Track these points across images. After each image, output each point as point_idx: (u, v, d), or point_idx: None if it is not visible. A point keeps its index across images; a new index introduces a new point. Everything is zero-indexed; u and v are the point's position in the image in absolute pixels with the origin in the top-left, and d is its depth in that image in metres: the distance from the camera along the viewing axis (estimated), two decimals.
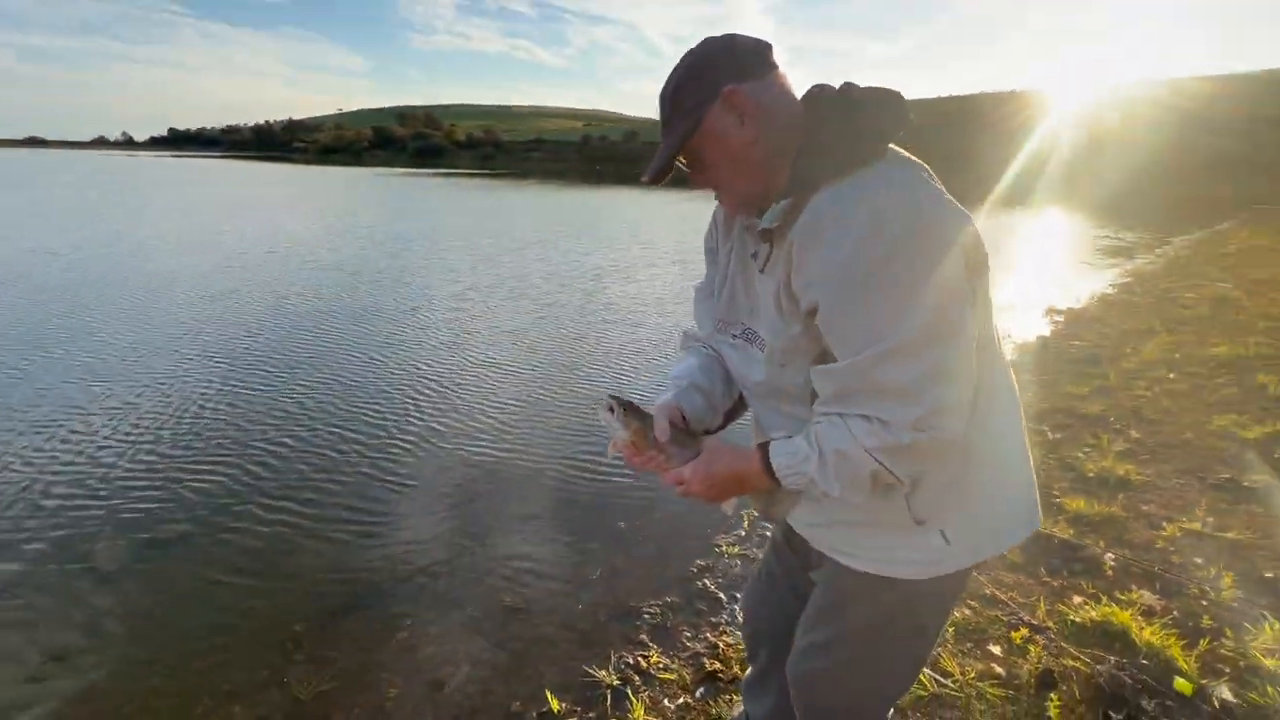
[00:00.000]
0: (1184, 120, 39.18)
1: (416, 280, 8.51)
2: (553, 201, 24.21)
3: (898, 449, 0.83)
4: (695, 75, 0.90)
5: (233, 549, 2.66)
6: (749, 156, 0.90)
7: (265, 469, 3.32)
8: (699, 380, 1.10)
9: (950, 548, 0.96)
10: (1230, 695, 1.72)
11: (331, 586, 2.43)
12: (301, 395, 4.32)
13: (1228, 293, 7.18)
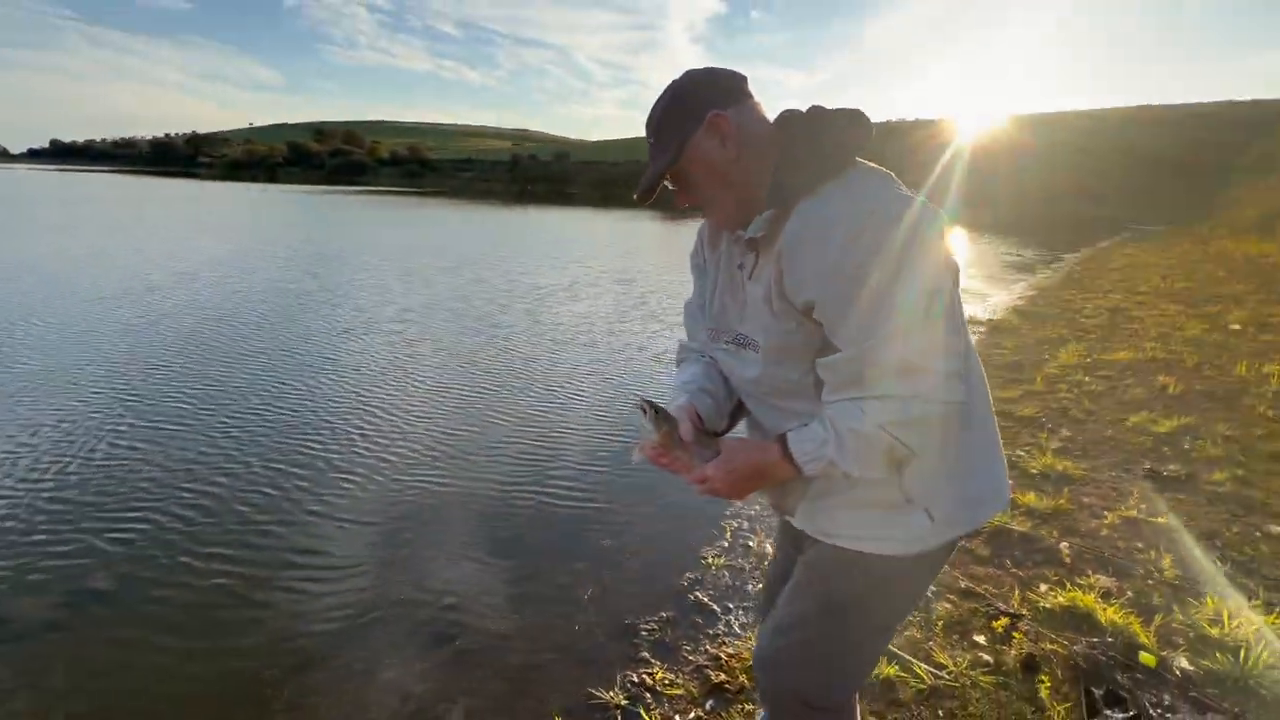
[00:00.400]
0: (1069, 149, 43.37)
1: (347, 301, 8.00)
2: (485, 220, 23.69)
3: (909, 421, 0.90)
4: (681, 102, 1.00)
5: (166, 606, 2.35)
6: (732, 175, 1.00)
7: (196, 512, 2.98)
8: (706, 385, 1.15)
9: (934, 525, 1.02)
10: (1188, 664, 1.90)
11: (293, 637, 2.20)
12: (227, 430, 3.92)
13: (1120, 304, 7.98)
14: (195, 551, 2.68)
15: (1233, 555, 2.44)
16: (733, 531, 2.88)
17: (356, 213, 25.50)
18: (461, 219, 23.81)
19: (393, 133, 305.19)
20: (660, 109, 1.02)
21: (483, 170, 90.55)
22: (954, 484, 1.03)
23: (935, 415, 0.91)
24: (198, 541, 2.76)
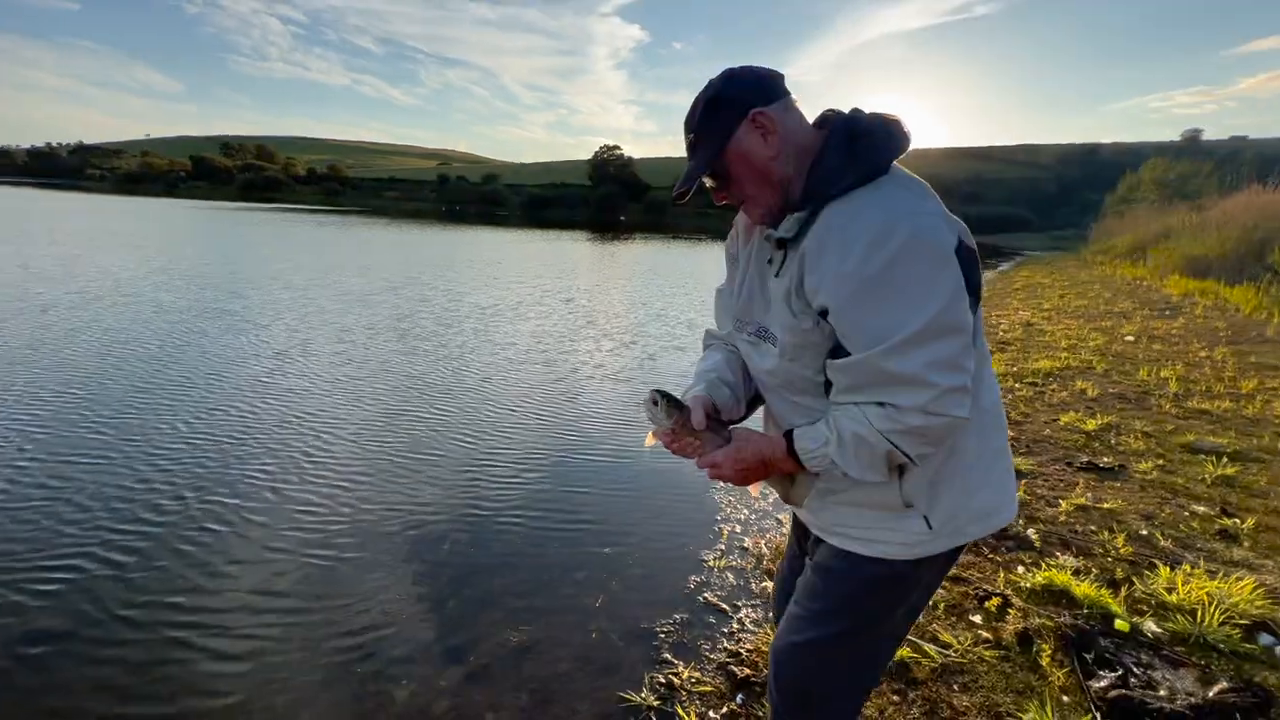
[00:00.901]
0: (961, 181, 47.35)
1: (277, 322, 7.37)
2: (417, 240, 22.99)
3: (909, 431, 0.93)
4: (725, 99, 1.01)
5: (113, 667, 2.02)
6: (772, 171, 1.01)
7: (130, 556, 2.62)
8: (724, 374, 1.19)
9: (932, 533, 1.05)
10: (1156, 627, 2.12)
11: (296, 671, 2.08)
12: (153, 462, 3.49)
13: (1030, 319, 8.77)
14: (135, 601, 2.35)
15: (1170, 533, 2.75)
16: (729, 535, 2.95)
17: (275, 230, 24.14)
18: (390, 238, 22.98)
19: (309, 149, 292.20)
20: (702, 105, 1.02)
21: (408, 190, 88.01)
22: (957, 495, 1.05)
23: (938, 428, 0.93)
24: (137, 590, 2.42)
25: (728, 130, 1.00)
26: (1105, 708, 1.77)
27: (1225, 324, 7.45)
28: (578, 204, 64.27)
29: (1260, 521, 2.81)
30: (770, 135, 1.00)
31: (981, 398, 1.05)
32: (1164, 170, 24.97)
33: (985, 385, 1.07)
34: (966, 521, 1.07)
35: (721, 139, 1.00)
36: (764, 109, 0.99)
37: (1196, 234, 13.13)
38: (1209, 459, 3.51)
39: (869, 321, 0.91)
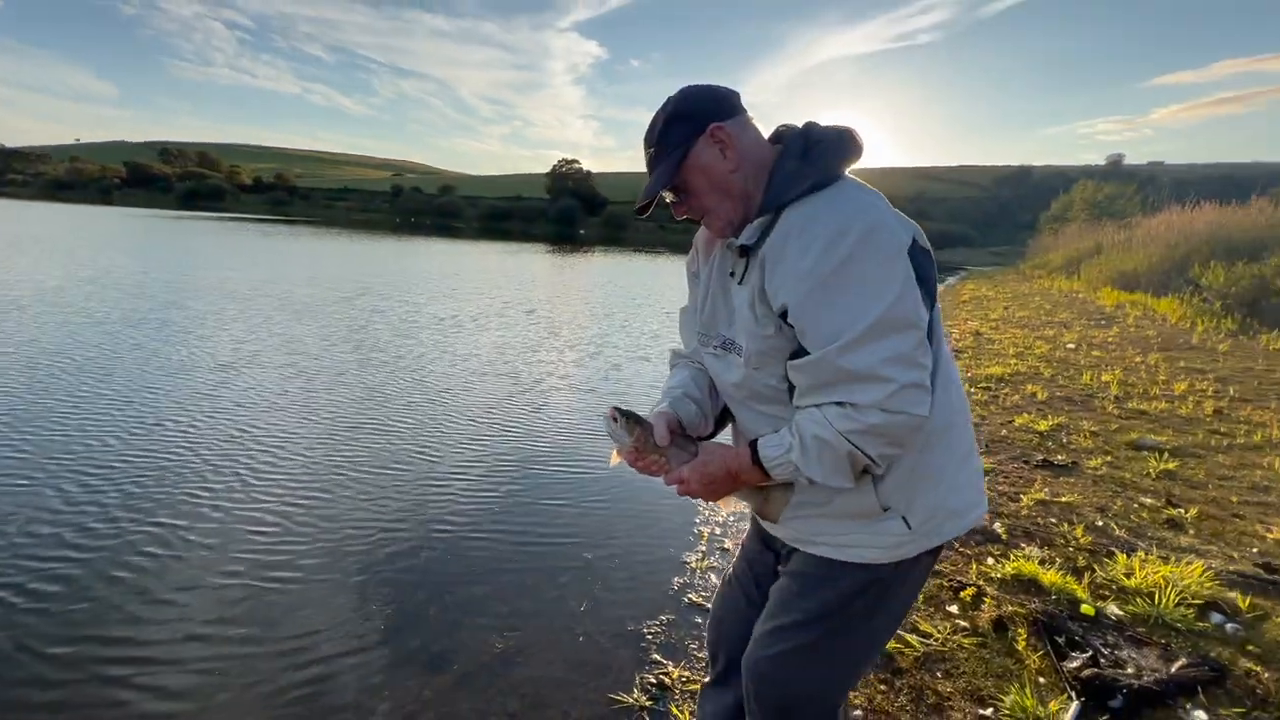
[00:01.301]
0: (905, 199, 49.42)
1: (221, 334, 6.97)
2: (370, 251, 22.36)
3: (868, 430, 0.92)
4: (683, 114, 1.04)
5: (36, 715, 1.82)
6: (731, 184, 1.04)
7: (61, 585, 2.38)
8: (691, 390, 1.20)
9: (911, 533, 1.05)
10: (1118, 610, 2.23)
11: (256, 704, 1.95)
12: (84, 482, 3.21)
13: (979, 329, 9.17)
14: (63, 636, 2.10)
15: (1123, 523, 2.91)
16: (708, 537, 2.97)
17: (218, 239, 23.18)
18: (342, 249, 22.33)
19: (255, 157, 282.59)
20: (662, 121, 1.05)
21: (361, 200, 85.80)
22: (933, 495, 1.05)
23: (897, 426, 0.92)
24: (66, 624, 2.17)
25: (687, 145, 1.03)
26: (1079, 686, 1.85)
27: (1155, 332, 7.97)
28: (536, 217, 63.98)
29: (1202, 511, 3.01)
30: (728, 149, 1.03)
31: (950, 396, 1.06)
32: (1093, 191, 26.64)
33: (952, 385, 1.08)
34: (943, 520, 1.07)
35: (681, 153, 1.03)
36: (722, 124, 1.03)
37: (1125, 250, 14.03)
38: (1151, 455, 3.73)
39: (825, 318, 0.92)
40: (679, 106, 1.05)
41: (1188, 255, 11.03)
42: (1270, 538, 2.75)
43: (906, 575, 1.11)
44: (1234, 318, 8.19)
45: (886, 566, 1.07)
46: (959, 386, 1.11)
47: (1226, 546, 2.69)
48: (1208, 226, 11.57)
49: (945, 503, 1.06)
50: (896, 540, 1.05)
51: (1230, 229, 10.91)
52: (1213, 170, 33.13)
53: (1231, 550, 2.65)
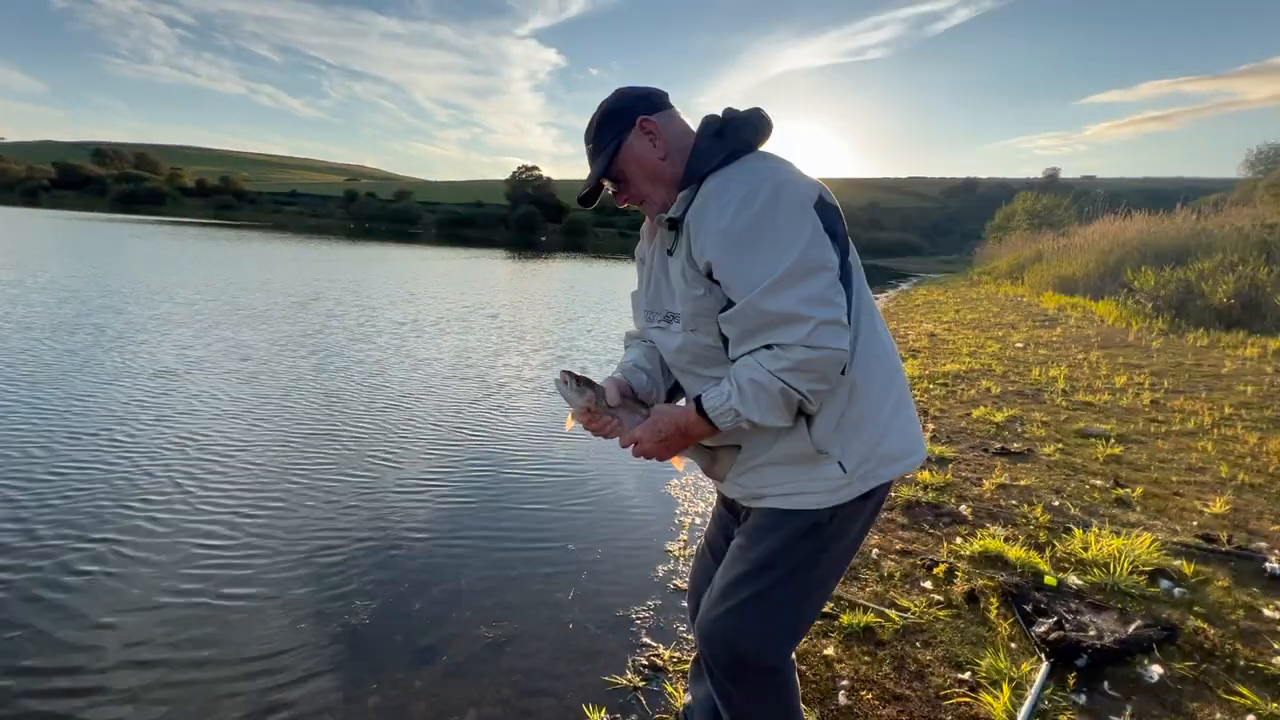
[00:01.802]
0: (858, 208, 50.97)
1: (163, 338, 6.54)
2: (323, 257, 21.64)
3: (796, 367, 0.99)
4: (616, 111, 1.17)
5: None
6: (661, 170, 1.15)
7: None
8: (641, 363, 1.28)
9: (847, 476, 1.11)
10: (1078, 580, 2.37)
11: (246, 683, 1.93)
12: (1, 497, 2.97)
13: (933, 330, 9.54)
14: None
15: (1077, 502, 3.09)
16: (690, 526, 3.01)
17: (158, 244, 22.10)
18: (293, 254, 21.54)
19: (198, 159, 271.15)
20: (597, 118, 1.18)
21: (312, 205, 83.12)
22: (866, 439, 1.11)
23: (821, 360, 0.99)
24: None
25: (620, 137, 1.15)
26: (1048, 649, 1.96)
27: (1095, 331, 8.44)
28: (496, 224, 63.30)
29: (1146, 490, 3.22)
30: (657, 139, 1.15)
31: (874, 346, 1.14)
32: (1032, 202, 28.04)
33: (877, 335, 1.15)
34: (878, 464, 1.12)
35: (615, 145, 1.15)
36: (649, 116, 1.15)
37: (1064, 256, 14.82)
38: (1098, 441, 3.97)
39: (744, 270, 1.01)
40: (612, 105, 1.18)
41: (1121, 261, 11.73)
42: (1208, 512, 2.97)
43: (847, 520, 1.16)
44: (1164, 318, 8.76)
45: (826, 511, 1.13)
46: (886, 340, 1.17)
47: (1170, 521, 2.88)
48: (1138, 235, 12.35)
49: (879, 447, 1.12)
50: (834, 484, 1.11)
51: (1158, 237, 11.67)
52: (1140, 184, 35.41)
53: (1174, 524, 2.85)
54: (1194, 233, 11.07)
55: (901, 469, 1.16)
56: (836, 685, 1.86)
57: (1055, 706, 1.75)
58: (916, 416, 1.21)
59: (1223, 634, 2.04)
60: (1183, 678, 1.85)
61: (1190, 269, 9.52)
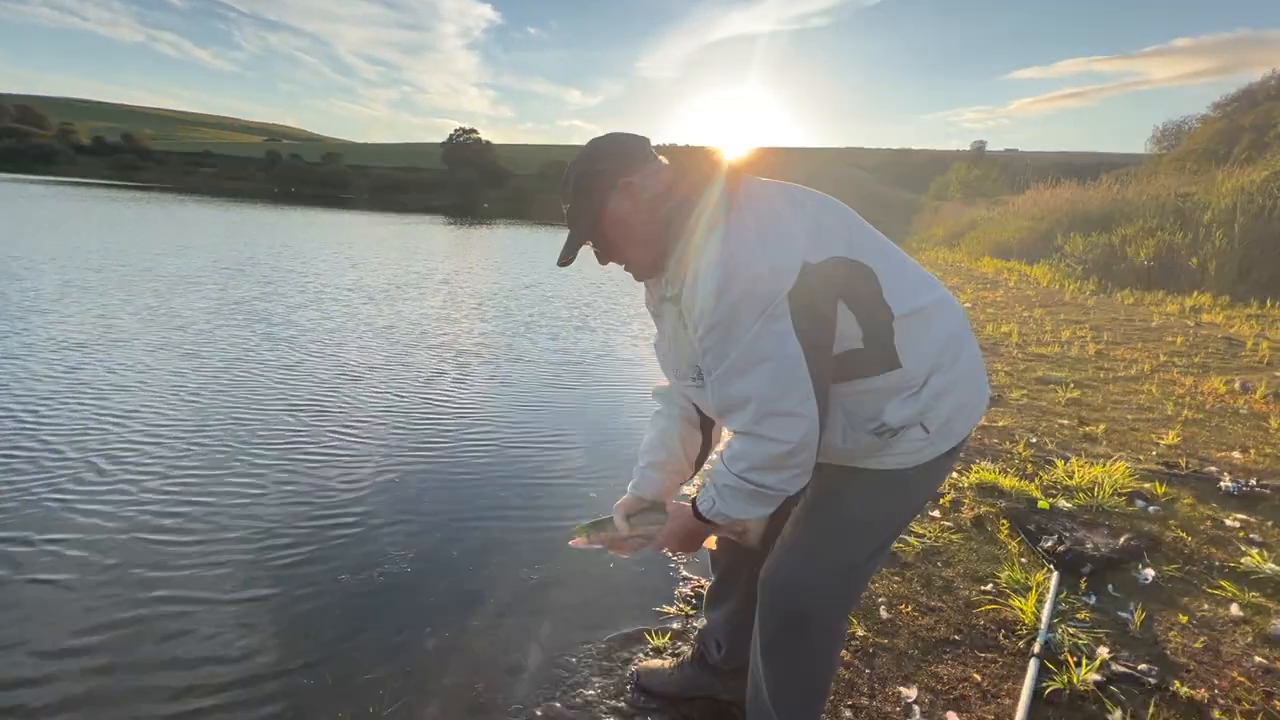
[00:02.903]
0: (798, 178, 51.95)
1: (73, 308, 5.82)
2: (247, 220, 20.12)
3: (750, 460, 1.02)
4: (596, 170, 1.11)
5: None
6: (646, 232, 1.11)
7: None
8: (655, 457, 1.31)
9: (929, 436, 1.10)
10: (1067, 503, 2.60)
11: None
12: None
13: None
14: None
15: (1051, 439, 3.36)
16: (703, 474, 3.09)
17: (53, 205, 20.08)
18: (213, 218, 19.97)
19: (93, 113, 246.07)
20: (575, 177, 1.12)
21: (230, 167, 77.04)
22: (944, 402, 1.09)
23: (769, 451, 1.00)
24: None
25: (602, 200, 1.10)
26: (1055, 561, 2.16)
27: (1034, 292, 9.03)
28: (434, 189, 60.79)
29: (1108, 427, 3.53)
30: (639, 201, 1.10)
31: (923, 313, 1.09)
32: (966, 173, 29.34)
33: (921, 309, 1.09)
34: (958, 420, 1.12)
35: (597, 209, 1.11)
36: (631, 179, 1.10)
37: (999, 224, 15.63)
38: (1058, 387, 4.30)
39: (709, 356, 1.03)
40: (591, 163, 1.12)
41: (1052, 227, 12.50)
42: (1162, 444, 3.29)
43: (930, 472, 1.15)
44: (1093, 279, 9.44)
45: (910, 470, 1.12)
46: (947, 298, 1.15)
47: (1133, 452, 3.18)
48: (1068, 202, 13.15)
49: (958, 404, 1.11)
50: (918, 446, 1.10)
51: (1085, 204, 12.48)
52: (1057, 158, 37.58)
53: (1138, 454, 3.15)
54: (1117, 201, 11.90)
55: (978, 417, 1.17)
56: (875, 603, 1.99)
57: (1071, 607, 1.94)
58: (978, 353, 1.19)
59: (1198, 541, 2.30)
60: (1172, 578, 2.09)
61: (1115, 234, 10.27)
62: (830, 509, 1.20)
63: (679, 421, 1.32)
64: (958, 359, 1.14)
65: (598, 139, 1.14)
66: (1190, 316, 6.92)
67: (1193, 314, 7.06)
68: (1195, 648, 1.77)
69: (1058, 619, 1.87)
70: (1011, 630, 1.86)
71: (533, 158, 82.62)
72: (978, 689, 1.65)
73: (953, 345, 1.12)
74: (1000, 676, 1.69)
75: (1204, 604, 1.96)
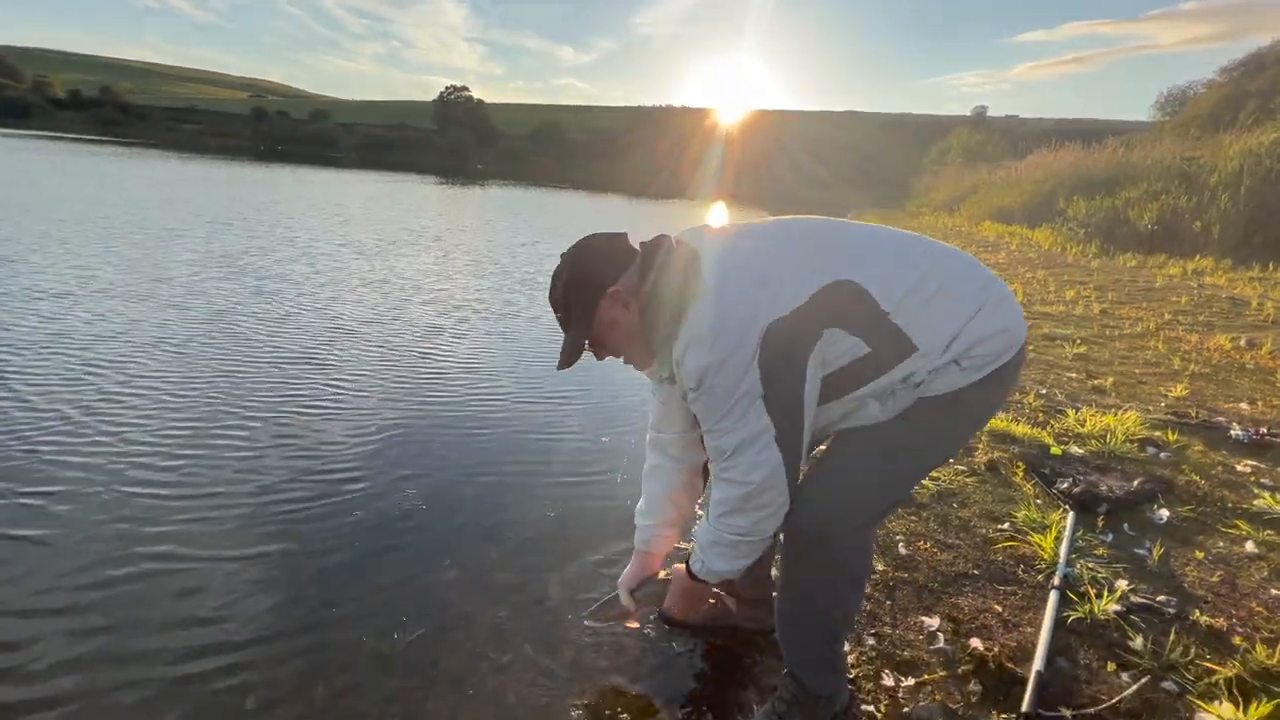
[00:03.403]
0: (799, 141, 51.09)
1: (53, 259, 5.59)
2: (234, 177, 19.53)
3: (721, 501, 1.15)
4: (583, 281, 1.19)
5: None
6: (638, 331, 1.21)
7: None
8: (665, 517, 1.44)
9: (965, 370, 1.11)
10: (1079, 449, 2.61)
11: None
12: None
13: None
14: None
15: (1061, 391, 3.36)
16: None
17: (30, 158, 19.49)
18: (199, 174, 19.39)
19: (67, 65, 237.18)
20: (561, 287, 1.20)
21: (215, 123, 74.68)
22: (983, 344, 1.09)
23: (738, 493, 1.11)
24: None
25: (592, 309, 1.19)
26: (1071, 501, 2.17)
27: (1036, 255, 8.98)
28: (424, 148, 59.34)
29: (1116, 380, 3.53)
30: (629, 305, 1.18)
31: (943, 261, 1.15)
32: (967, 137, 28.93)
33: (930, 273, 1.12)
34: (990, 350, 1.10)
35: (589, 317, 1.20)
36: (618, 286, 1.18)
37: (1001, 188, 15.48)
38: (1065, 343, 4.29)
39: (699, 415, 1.15)
40: (576, 273, 1.19)
41: (1054, 191, 12.39)
42: (1172, 395, 3.30)
43: (968, 398, 1.13)
44: (1095, 243, 9.40)
45: (948, 395, 1.12)
46: (941, 273, 1.12)
47: (1141, 403, 3.19)
48: (1071, 166, 13.01)
49: (990, 339, 1.10)
50: (956, 379, 1.11)
51: (1089, 168, 12.35)
52: (1060, 125, 37.08)
53: (1147, 405, 3.15)
54: (1121, 164, 11.78)
55: (1012, 347, 1.13)
56: (893, 540, 2.00)
57: (1089, 544, 1.95)
58: (1008, 292, 1.16)
59: (1211, 485, 2.31)
60: (1186, 518, 2.10)
61: (1118, 198, 10.18)
62: (860, 434, 1.20)
63: (682, 473, 1.42)
64: (983, 303, 1.11)
65: (580, 248, 1.22)
66: (1193, 279, 6.91)
67: (1195, 276, 7.06)
68: (1212, 581, 1.78)
69: (1075, 555, 1.88)
70: (1030, 565, 1.87)
71: (524, 117, 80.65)
72: (999, 619, 1.66)
73: (968, 297, 1.12)
74: (1020, 607, 1.70)
75: (1219, 542, 1.98)
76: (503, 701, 1.43)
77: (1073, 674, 1.46)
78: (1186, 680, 1.42)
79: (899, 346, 1.09)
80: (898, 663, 1.51)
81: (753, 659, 1.57)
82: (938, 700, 1.40)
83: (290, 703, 1.40)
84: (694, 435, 1.37)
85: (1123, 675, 1.45)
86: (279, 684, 1.45)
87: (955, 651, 1.54)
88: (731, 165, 44.32)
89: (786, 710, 1.31)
